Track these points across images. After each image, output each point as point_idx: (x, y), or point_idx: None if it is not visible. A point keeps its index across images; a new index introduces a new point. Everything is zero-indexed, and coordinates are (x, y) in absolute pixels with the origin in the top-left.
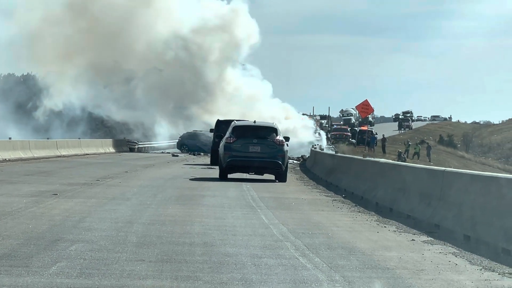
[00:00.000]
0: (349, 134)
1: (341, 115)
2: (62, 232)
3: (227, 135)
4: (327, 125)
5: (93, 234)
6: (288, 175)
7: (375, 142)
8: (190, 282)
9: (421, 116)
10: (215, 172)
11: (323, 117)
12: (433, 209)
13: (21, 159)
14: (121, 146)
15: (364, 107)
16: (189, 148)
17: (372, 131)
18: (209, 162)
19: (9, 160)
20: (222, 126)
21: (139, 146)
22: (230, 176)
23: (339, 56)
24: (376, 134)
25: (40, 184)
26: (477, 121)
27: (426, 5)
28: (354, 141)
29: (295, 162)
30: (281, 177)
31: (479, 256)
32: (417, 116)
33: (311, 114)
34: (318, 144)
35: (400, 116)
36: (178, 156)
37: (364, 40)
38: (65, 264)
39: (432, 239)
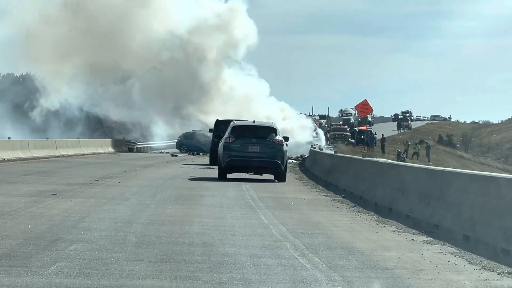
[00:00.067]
0: (348, 134)
1: (340, 115)
2: (61, 232)
3: (226, 135)
4: (326, 125)
5: (92, 234)
6: (288, 175)
7: (374, 142)
8: (189, 282)
9: (420, 116)
10: (214, 172)
11: (322, 117)
12: (432, 209)
13: (20, 159)
14: (120, 146)
15: (363, 107)
16: (188, 148)
17: (371, 131)
18: (208, 162)
19: (8, 160)
20: (221, 126)
21: (138, 146)
22: (229, 176)
23: (339, 56)
24: (375, 134)
25: (39, 184)
26: (476, 121)
27: (426, 5)
28: (353, 141)
29: (294, 162)
30: (280, 177)
31: (478, 256)
32: (416, 116)
33: (310, 114)
34: (317, 144)
35: (399, 116)
36: (177, 156)
37: (363, 40)
38: (64, 264)
39: (431, 239)
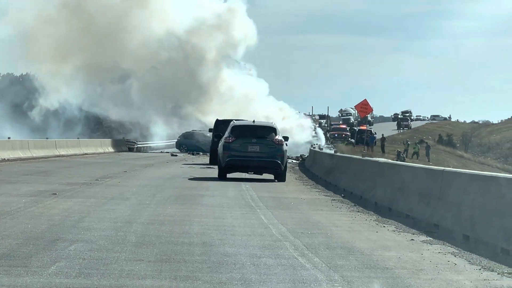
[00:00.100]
0: (348, 133)
1: (340, 115)
2: (61, 232)
3: (226, 134)
4: (326, 124)
5: (92, 234)
6: (287, 174)
7: (374, 141)
8: (189, 282)
9: (420, 116)
10: (214, 171)
11: (322, 116)
12: (432, 208)
13: (20, 159)
14: (120, 146)
15: (363, 107)
16: (188, 147)
17: (371, 131)
18: (208, 162)
19: (8, 159)
20: (221, 125)
21: (138, 146)
22: (229, 175)
23: (339, 56)
24: (375, 133)
25: (39, 184)
26: (476, 120)
27: (426, 5)
28: (353, 140)
29: (294, 161)
30: (280, 176)
31: (478, 256)
32: (416, 116)
33: (310, 113)
34: (317, 144)
35: (399, 116)
36: (177, 155)
37: (363, 40)
38: (64, 264)
39: (431, 238)
